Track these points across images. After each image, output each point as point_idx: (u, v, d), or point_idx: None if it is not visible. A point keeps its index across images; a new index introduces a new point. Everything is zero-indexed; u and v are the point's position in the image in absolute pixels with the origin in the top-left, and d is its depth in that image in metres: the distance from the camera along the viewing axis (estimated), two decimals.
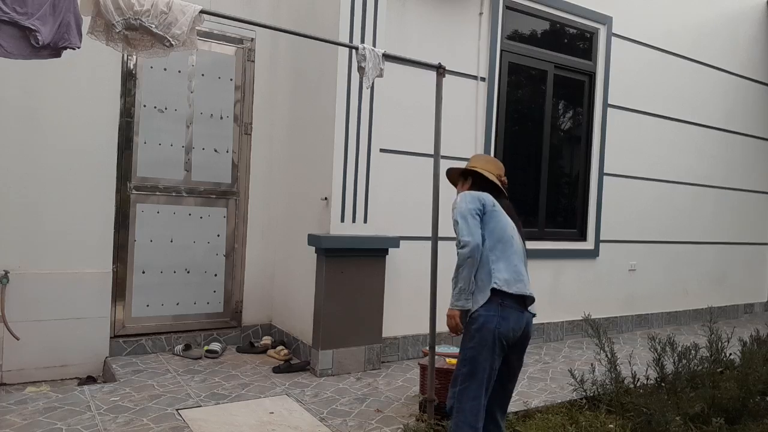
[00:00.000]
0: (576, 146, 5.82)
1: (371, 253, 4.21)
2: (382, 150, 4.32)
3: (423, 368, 3.40)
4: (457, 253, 2.48)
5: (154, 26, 2.42)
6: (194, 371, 4.00)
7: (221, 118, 4.71)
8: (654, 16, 6.13)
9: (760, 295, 7.78)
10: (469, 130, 4.87)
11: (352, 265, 4.12)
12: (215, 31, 4.59)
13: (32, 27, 2.27)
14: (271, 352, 4.46)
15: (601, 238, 5.83)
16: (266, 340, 4.62)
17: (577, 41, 5.69)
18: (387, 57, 3.15)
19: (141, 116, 4.36)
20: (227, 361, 4.30)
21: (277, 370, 4.09)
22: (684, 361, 3.64)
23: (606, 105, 5.80)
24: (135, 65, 4.32)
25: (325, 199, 4.11)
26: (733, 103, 7.05)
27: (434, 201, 3.30)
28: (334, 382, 3.93)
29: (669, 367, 3.67)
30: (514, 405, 3.62)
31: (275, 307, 4.94)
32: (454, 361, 3.43)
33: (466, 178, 2.81)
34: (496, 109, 5.05)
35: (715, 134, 6.88)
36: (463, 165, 2.90)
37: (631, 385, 3.61)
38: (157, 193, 4.46)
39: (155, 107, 4.42)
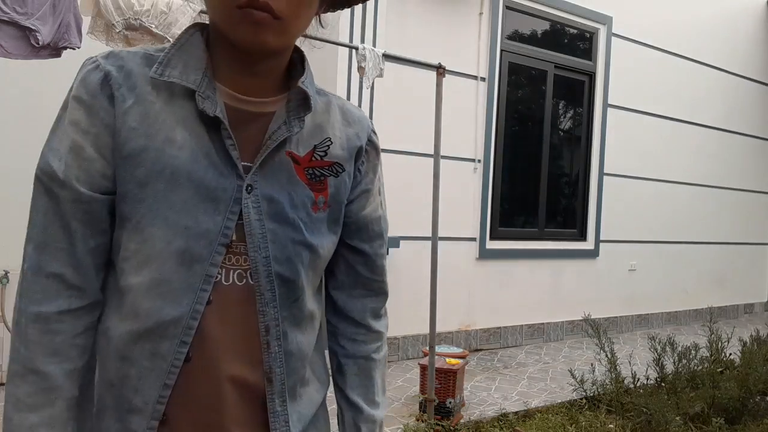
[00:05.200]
0: (576, 146, 5.82)
1: None
2: (382, 150, 4.31)
3: (423, 368, 3.40)
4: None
5: (154, 26, 2.43)
6: None
7: None
8: (654, 15, 6.13)
9: (760, 295, 7.78)
10: (469, 130, 4.87)
11: None
12: None
13: (32, 27, 2.27)
14: None
15: (601, 238, 5.83)
16: None
17: (577, 41, 5.69)
18: (387, 57, 3.15)
19: None
20: None
21: None
22: (684, 361, 3.64)
23: (606, 105, 5.80)
24: None
25: None
26: (733, 103, 7.05)
27: (434, 201, 3.30)
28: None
29: (669, 367, 3.68)
30: (514, 405, 3.63)
31: None
32: (454, 361, 3.43)
33: None
34: (496, 109, 5.05)
35: (714, 134, 6.88)
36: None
37: (631, 385, 3.61)
38: None
39: None
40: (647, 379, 3.72)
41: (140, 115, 0.79)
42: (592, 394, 3.64)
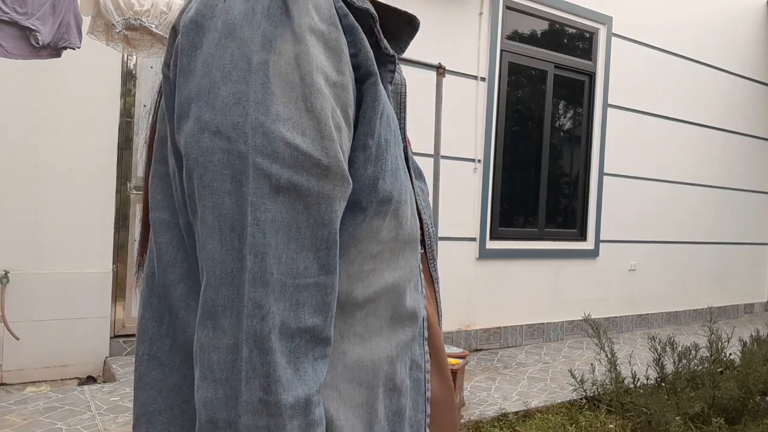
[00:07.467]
0: (576, 146, 5.82)
1: None
2: None
3: None
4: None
5: (154, 26, 2.43)
6: None
7: None
8: (654, 15, 6.13)
9: (760, 295, 7.78)
10: (469, 130, 4.87)
11: None
12: None
13: (32, 27, 2.27)
14: None
15: (601, 238, 5.83)
16: None
17: (577, 41, 5.69)
18: None
19: (141, 116, 4.36)
20: None
21: None
22: (684, 361, 3.64)
23: (606, 105, 5.80)
24: (135, 65, 4.32)
25: None
26: (733, 103, 7.05)
27: (434, 201, 3.30)
28: None
29: (669, 367, 3.67)
30: (514, 405, 3.63)
31: None
32: (454, 361, 3.43)
33: None
34: (496, 109, 5.05)
35: (715, 134, 6.88)
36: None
37: (631, 385, 3.61)
38: None
39: None
40: (647, 379, 3.72)
41: (365, 52, 0.55)
42: (592, 394, 3.64)
